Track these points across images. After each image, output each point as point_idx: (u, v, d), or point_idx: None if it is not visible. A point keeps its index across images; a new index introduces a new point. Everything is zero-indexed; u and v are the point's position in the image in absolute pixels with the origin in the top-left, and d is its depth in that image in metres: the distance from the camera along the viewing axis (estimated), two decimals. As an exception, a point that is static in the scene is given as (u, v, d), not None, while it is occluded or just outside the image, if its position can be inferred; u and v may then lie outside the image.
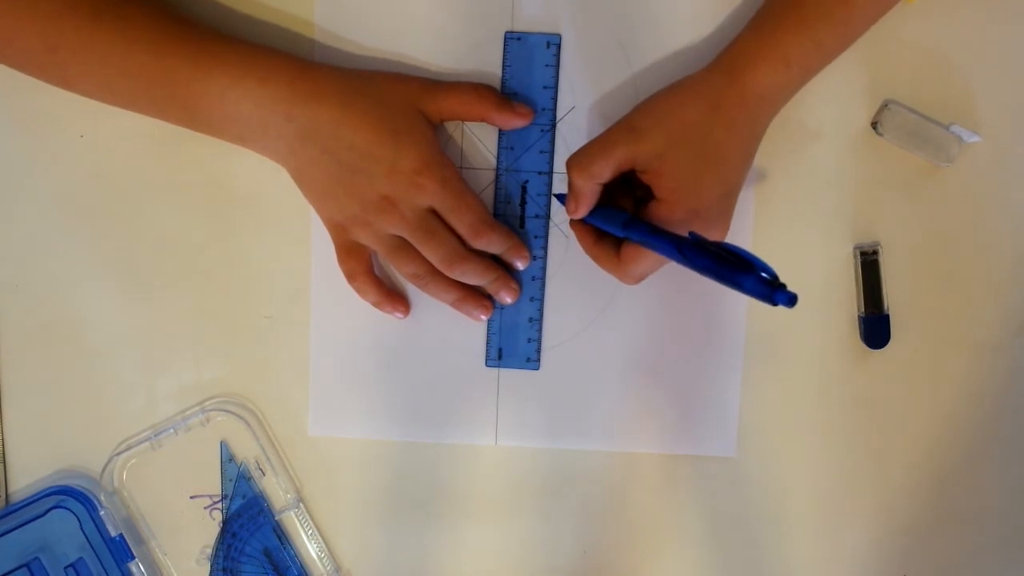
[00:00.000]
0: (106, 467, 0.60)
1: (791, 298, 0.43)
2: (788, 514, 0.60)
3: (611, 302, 0.59)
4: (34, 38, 0.52)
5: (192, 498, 0.61)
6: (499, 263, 0.58)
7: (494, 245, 0.57)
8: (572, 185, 0.53)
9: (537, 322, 0.60)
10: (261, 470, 0.60)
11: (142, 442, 0.60)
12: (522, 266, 0.58)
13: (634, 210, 0.55)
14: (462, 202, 0.55)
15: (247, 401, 0.60)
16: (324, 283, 0.59)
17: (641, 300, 0.59)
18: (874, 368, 0.59)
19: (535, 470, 0.60)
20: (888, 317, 0.59)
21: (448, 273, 0.56)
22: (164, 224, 0.59)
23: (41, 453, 0.60)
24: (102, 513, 0.59)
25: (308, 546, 0.61)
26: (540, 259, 0.59)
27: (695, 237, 0.47)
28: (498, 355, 0.60)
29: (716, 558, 0.61)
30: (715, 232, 0.54)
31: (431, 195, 0.54)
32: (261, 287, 0.60)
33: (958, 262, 0.59)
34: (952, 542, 0.60)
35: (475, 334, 0.60)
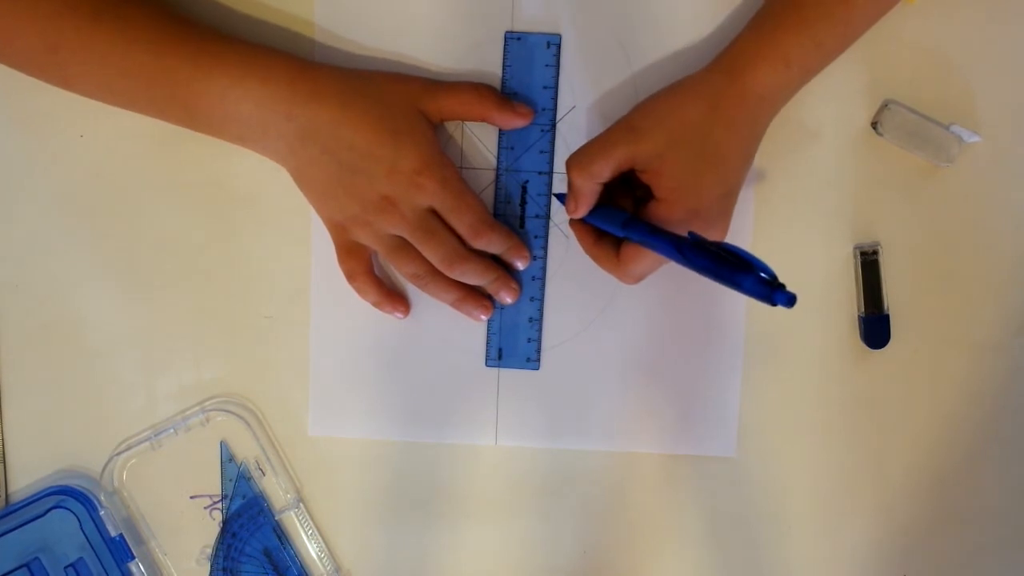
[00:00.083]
0: (106, 467, 0.60)
1: (790, 298, 0.43)
2: (788, 514, 0.60)
3: (611, 302, 0.59)
4: (34, 38, 0.52)
5: (192, 498, 0.61)
6: (499, 263, 0.58)
7: (494, 245, 0.57)
8: (572, 185, 0.53)
9: (537, 322, 0.60)
10: (261, 470, 0.60)
11: (142, 442, 0.60)
12: (522, 266, 0.58)
13: (634, 210, 0.55)
14: (462, 202, 0.55)
15: (247, 401, 0.60)
16: (324, 283, 0.59)
17: (641, 300, 0.59)
18: (874, 368, 0.59)
19: (535, 470, 0.60)
20: (888, 317, 0.59)
21: (448, 273, 0.56)
22: (164, 224, 0.59)
23: (41, 453, 0.60)
24: (102, 513, 0.59)
25: (308, 546, 0.61)
26: (540, 259, 0.59)
27: (694, 237, 0.47)
28: (498, 355, 0.60)
29: (716, 558, 0.61)
30: (715, 232, 0.54)
31: (431, 195, 0.54)
32: (261, 287, 0.60)
33: (958, 262, 0.59)
34: (952, 542, 0.60)
35: (475, 334, 0.60)
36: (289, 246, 0.59)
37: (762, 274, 0.43)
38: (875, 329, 0.59)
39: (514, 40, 0.58)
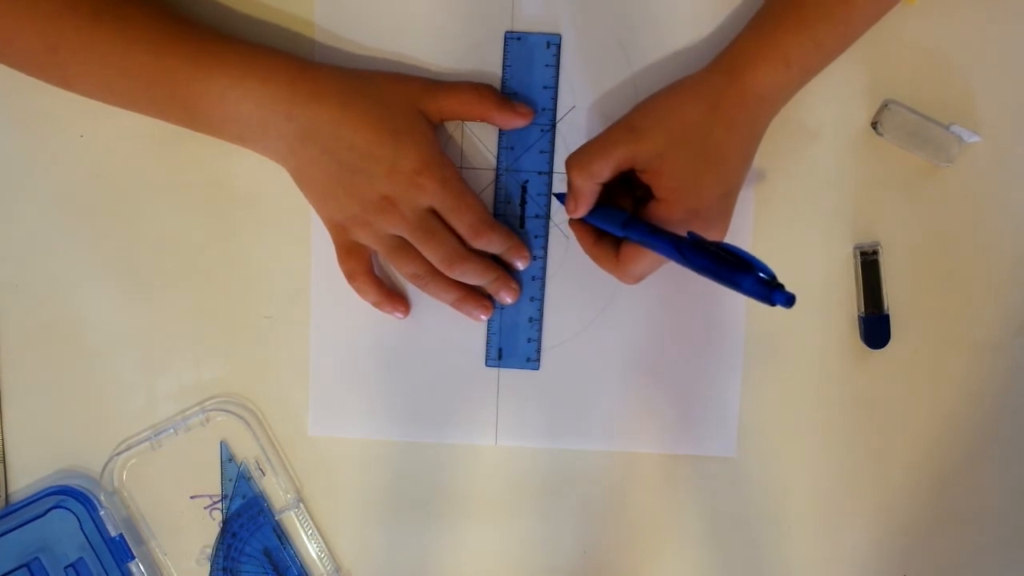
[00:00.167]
0: (106, 467, 0.60)
1: (789, 298, 0.43)
2: (788, 514, 0.60)
3: (611, 302, 0.59)
4: (34, 38, 0.52)
5: (192, 498, 0.61)
6: (499, 263, 0.58)
7: (494, 245, 0.57)
8: (571, 184, 0.53)
9: (537, 322, 0.60)
10: (261, 470, 0.60)
11: (142, 442, 0.60)
12: (522, 266, 0.58)
13: (633, 210, 0.55)
14: (462, 202, 0.55)
15: (247, 401, 0.60)
16: (324, 283, 0.59)
17: (641, 300, 0.59)
18: (874, 368, 0.59)
19: (535, 470, 0.60)
20: (888, 317, 0.59)
21: (448, 273, 0.56)
22: (164, 224, 0.59)
23: (41, 453, 0.60)
24: (102, 513, 0.59)
25: (308, 546, 0.61)
26: (540, 259, 0.59)
27: (694, 237, 0.47)
28: (498, 355, 0.60)
29: (716, 558, 0.61)
30: (714, 232, 0.53)
31: (431, 195, 0.54)
32: (261, 287, 0.60)
33: (958, 262, 0.59)
34: (952, 542, 0.60)
35: (475, 334, 0.60)
36: (289, 246, 0.59)
37: (761, 274, 0.43)
38: (875, 329, 0.59)
39: (514, 40, 0.58)
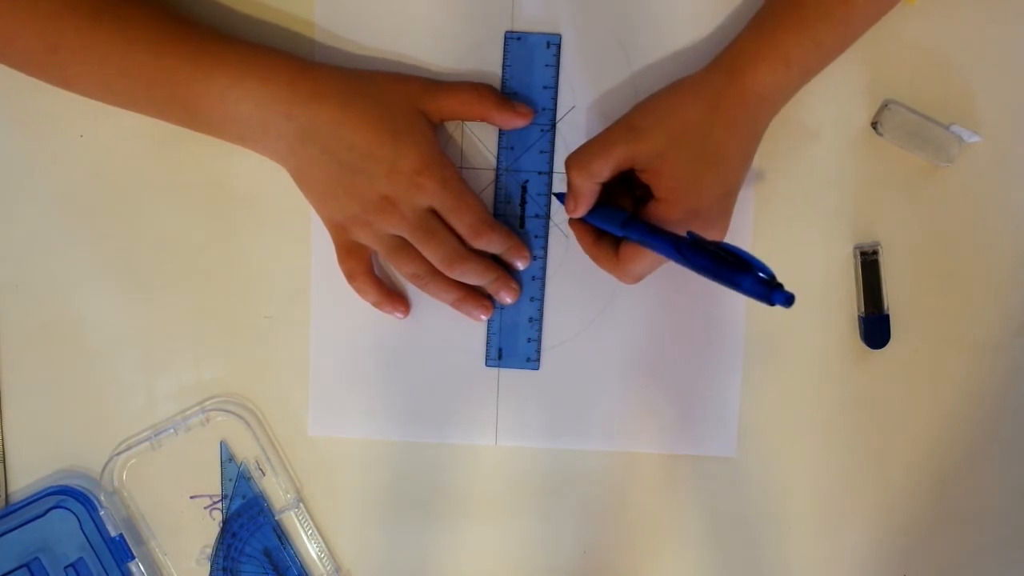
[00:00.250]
0: (106, 467, 0.60)
1: (788, 298, 0.43)
2: (788, 514, 0.60)
3: (611, 302, 0.59)
4: (34, 38, 0.52)
5: (192, 498, 0.61)
6: (499, 263, 0.58)
7: (494, 245, 0.57)
8: (571, 184, 0.53)
9: (537, 322, 0.60)
10: (261, 470, 0.60)
11: (142, 442, 0.60)
12: (522, 266, 0.58)
13: (633, 209, 0.55)
14: (462, 202, 0.55)
15: (247, 401, 0.60)
16: (324, 283, 0.59)
17: (641, 300, 0.59)
18: (874, 368, 0.59)
19: (535, 470, 0.60)
20: (888, 317, 0.59)
21: (448, 273, 0.56)
22: (164, 224, 0.59)
23: (41, 453, 0.60)
24: (102, 513, 0.59)
25: (308, 546, 0.61)
26: (540, 259, 0.59)
27: (693, 237, 0.47)
28: (498, 355, 0.60)
29: (716, 558, 0.61)
30: (714, 232, 0.53)
31: (431, 195, 0.54)
32: (261, 287, 0.60)
33: (958, 262, 0.59)
34: (952, 542, 0.60)
35: (475, 334, 0.60)
36: (289, 246, 0.59)
37: (761, 274, 0.43)
38: (875, 329, 0.59)
39: (514, 40, 0.58)
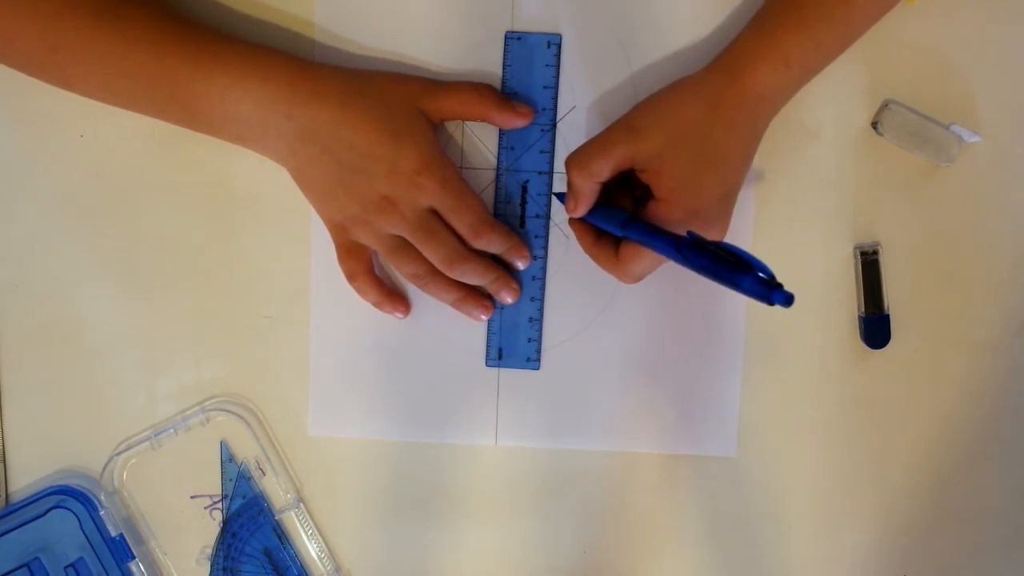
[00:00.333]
0: (106, 467, 0.60)
1: (788, 298, 0.43)
2: (788, 514, 0.60)
3: (611, 302, 0.59)
4: (34, 38, 0.52)
5: (192, 498, 0.61)
6: (499, 263, 0.58)
7: (494, 245, 0.57)
8: (571, 184, 0.53)
9: (537, 322, 0.60)
10: (261, 470, 0.60)
11: (142, 442, 0.60)
12: (522, 266, 0.58)
13: (633, 209, 0.55)
14: (462, 202, 0.55)
15: (247, 401, 0.60)
16: (324, 283, 0.59)
17: (641, 300, 0.59)
18: (874, 368, 0.59)
19: (535, 470, 0.60)
20: (888, 317, 0.59)
21: (448, 273, 0.56)
22: (164, 224, 0.59)
23: (41, 453, 0.60)
24: (102, 513, 0.59)
25: (308, 546, 0.61)
26: (540, 259, 0.59)
27: (693, 237, 0.47)
28: (498, 355, 0.60)
29: (716, 558, 0.61)
30: (714, 232, 0.53)
31: (431, 195, 0.54)
32: (261, 287, 0.60)
33: (958, 262, 0.59)
34: (952, 542, 0.60)
35: (475, 334, 0.60)
36: (289, 246, 0.59)
37: (760, 274, 0.43)
38: (875, 329, 0.59)
39: (514, 40, 0.58)
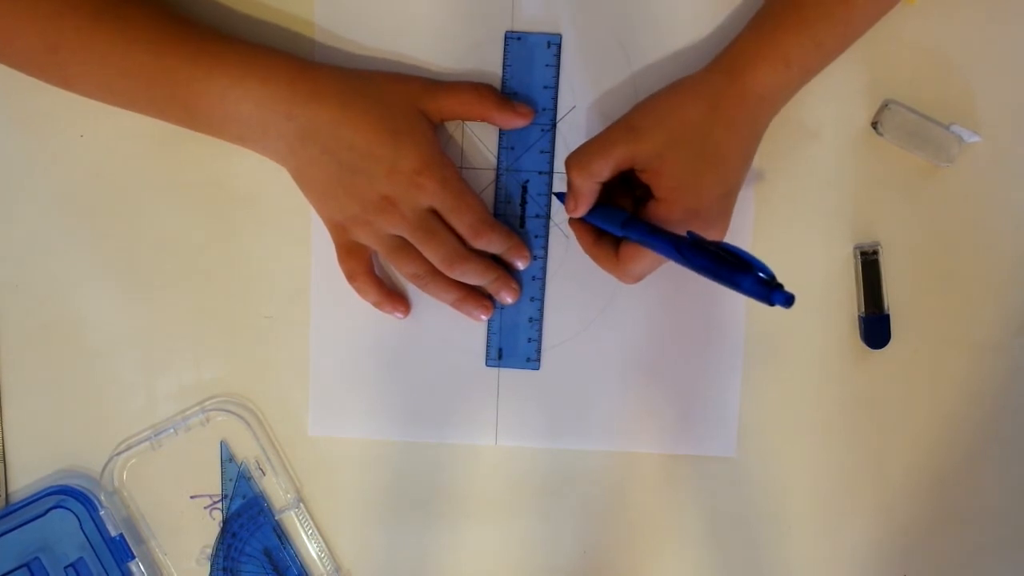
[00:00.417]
0: (106, 467, 0.60)
1: (788, 298, 0.43)
2: (788, 514, 0.60)
3: (611, 302, 0.59)
4: (34, 38, 0.52)
5: (192, 498, 0.61)
6: (499, 263, 0.58)
7: (494, 245, 0.57)
8: (571, 184, 0.53)
9: (537, 322, 0.60)
10: (261, 470, 0.60)
11: (142, 442, 0.60)
12: (522, 266, 0.58)
13: (633, 209, 0.55)
14: (462, 202, 0.55)
15: (247, 401, 0.60)
16: (324, 283, 0.59)
17: (641, 300, 0.59)
18: (874, 368, 0.59)
19: (535, 470, 0.60)
20: (888, 317, 0.59)
21: (448, 273, 0.56)
22: (164, 224, 0.59)
23: (41, 453, 0.60)
24: (102, 513, 0.59)
25: (308, 546, 0.61)
26: (540, 259, 0.59)
27: (693, 237, 0.47)
28: (498, 355, 0.60)
29: (716, 558, 0.61)
30: (714, 232, 0.53)
31: (431, 195, 0.54)
32: (261, 287, 0.60)
33: (958, 262, 0.59)
34: (952, 542, 0.60)
35: (475, 334, 0.60)
36: (289, 246, 0.59)
37: (761, 274, 0.43)
38: (875, 329, 0.59)
39: (514, 40, 0.58)
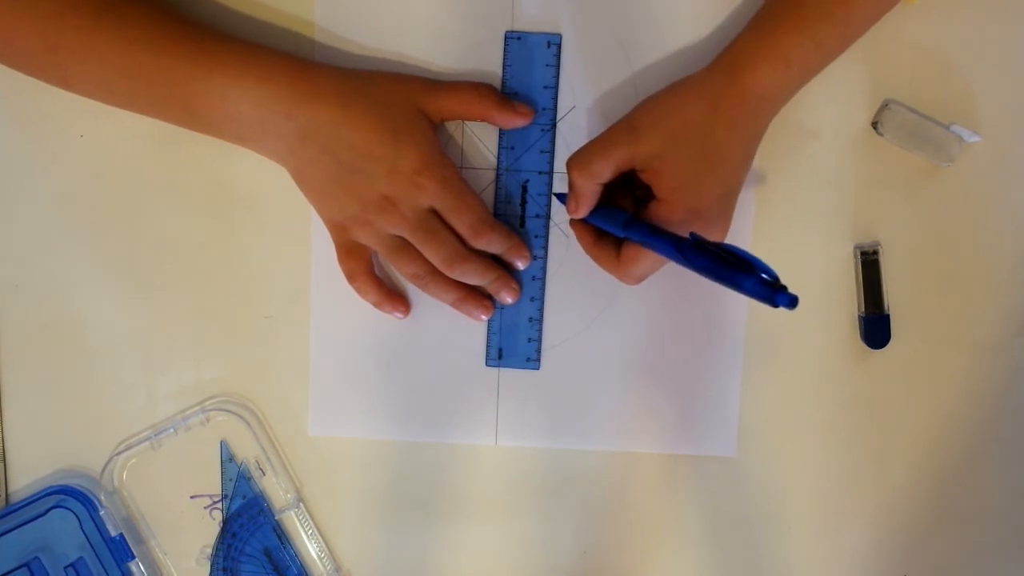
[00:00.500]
0: (106, 467, 0.60)
1: (792, 300, 0.42)
2: (788, 514, 0.60)
3: (611, 302, 0.59)
4: (34, 38, 0.52)
5: (192, 498, 0.61)
6: (499, 263, 0.58)
7: (494, 245, 0.57)
8: (572, 185, 0.53)
9: (537, 322, 0.60)
10: (261, 470, 0.60)
11: (142, 442, 0.60)
12: (522, 266, 0.58)
13: (634, 210, 0.55)
14: (462, 202, 0.55)
15: (247, 401, 0.60)
16: (324, 283, 0.59)
17: (641, 300, 0.59)
18: (874, 368, 0.59)
19: (535, 470, 0.60)
20: (888, 317, 0.59)
21: (448, 273, 0.56)
22: (164, 224, 0.59)
23: (41, 453, 0.60)
24: (102, 513, 0.59)
25: (308, 546, 0.61)
26: (540, 259, 0.59)
27: (695, 237, 0.47)
28: (498, 355, 0.60)
29: (716, 558, 0.61)
30: (715, 232, 0.53)
31: (431, 195, 0.54)
32: (261, 287, 0.60)
33: (958, 262, 0.59)
34: (952, 542, 0.60)
35: (475, 334, 0.60)
36: (289, 246, 0.59)
37: (763, 275, 0.43)
38: (875, 329, 0.59)
39: (514, 40, 0.58)
